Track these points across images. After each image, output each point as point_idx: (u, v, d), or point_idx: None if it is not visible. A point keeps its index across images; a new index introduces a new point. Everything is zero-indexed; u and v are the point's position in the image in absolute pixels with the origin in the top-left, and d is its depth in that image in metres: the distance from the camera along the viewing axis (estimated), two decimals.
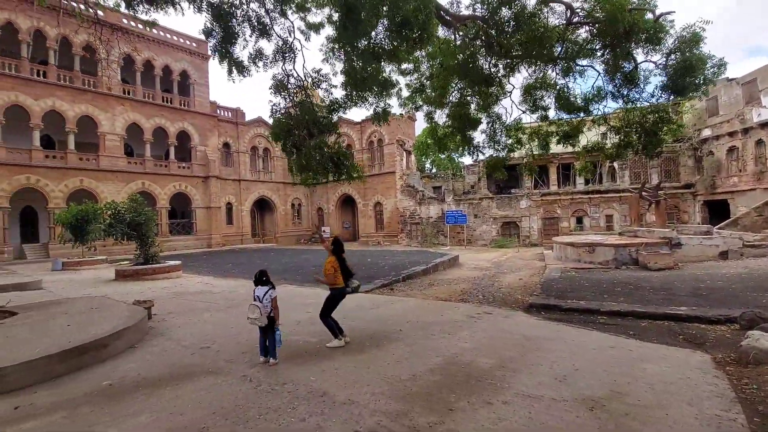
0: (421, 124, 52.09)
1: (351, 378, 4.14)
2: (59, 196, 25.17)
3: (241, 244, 33.92)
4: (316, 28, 9.44)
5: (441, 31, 8.51)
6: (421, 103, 9.31)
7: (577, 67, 8.62)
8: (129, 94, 28.89)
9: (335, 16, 9.18)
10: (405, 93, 9.25)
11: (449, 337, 5.61)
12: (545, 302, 7.83)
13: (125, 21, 27.38)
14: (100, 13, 10.56)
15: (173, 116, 30.88)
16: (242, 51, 8.14)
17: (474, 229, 29.23)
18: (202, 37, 7.54)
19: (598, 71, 8.56)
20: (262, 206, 38.42)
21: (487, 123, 9.19)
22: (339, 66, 10.25)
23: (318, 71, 7.73)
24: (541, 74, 8.87)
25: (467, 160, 36.85)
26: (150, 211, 14.89)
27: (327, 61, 8.73)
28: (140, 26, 28.97)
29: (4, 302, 7.93)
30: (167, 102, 30.83)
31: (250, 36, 7.21)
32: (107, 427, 3.21)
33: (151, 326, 6.29)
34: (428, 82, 9.10)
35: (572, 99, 8.54)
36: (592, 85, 8.77)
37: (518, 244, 26.85)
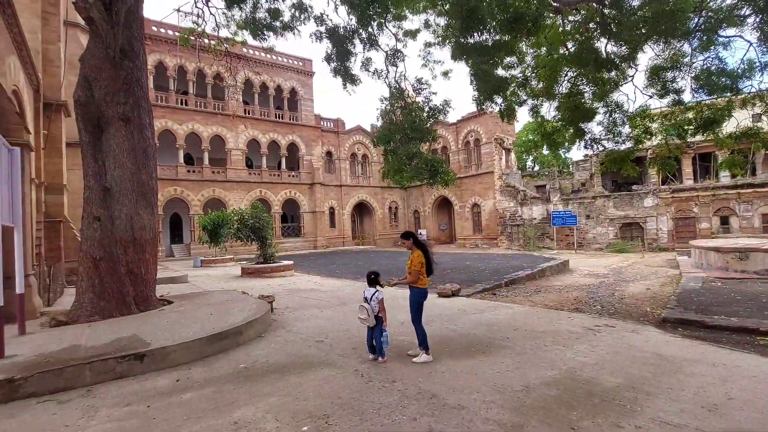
0: (522, 120, 49.18)
1: (459, 383, 4.08)
2: (198, 204, 29.79)
3: (343, 246, 36.02)
4: (413, 34, 9.62)
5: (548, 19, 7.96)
6: (525, 97, 8.80)
7: (720, 40, 7.28)
8: (249, 113, 32.95)
9: (431, 20, 9.25)
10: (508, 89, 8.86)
11: (564, 349, 5.16)
12: (683, 317, 6.72)
13: (244, 50, 31.27)
14: (226, 45, 12.27)
15: (284, 130, 34.30)
16: (354, 64, 8.76)
17: (586, 231, 26.52)
18: (308, 56, 8.37)
19: (748, 41, 7.12)
20: (361, 210, 40.32)
21: (605, 113, 8.26)
22: (439, 69, 10.27)
23: (419, 79, 7.89)
24: (672, 52, 7.68)
25: (576, 155, 33.66)
26: (267, 217, 16.73)
27: (426, 66, 8.83)
28: (259, 53, 32.89)
29: (165, 293, 9.64)
30: (279, 118, 34.38)
31: (363, 48, 7.73)
32: (245, 403, 3.68)
33: (274, 319, 7.04)
34: (533, 74, 8.57)
35: (715, 77, 7.22)
36: (742, 59, 7.32)
37: (642, 249, 23.55)
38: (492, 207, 32.07)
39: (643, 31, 6.87)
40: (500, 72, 8.58)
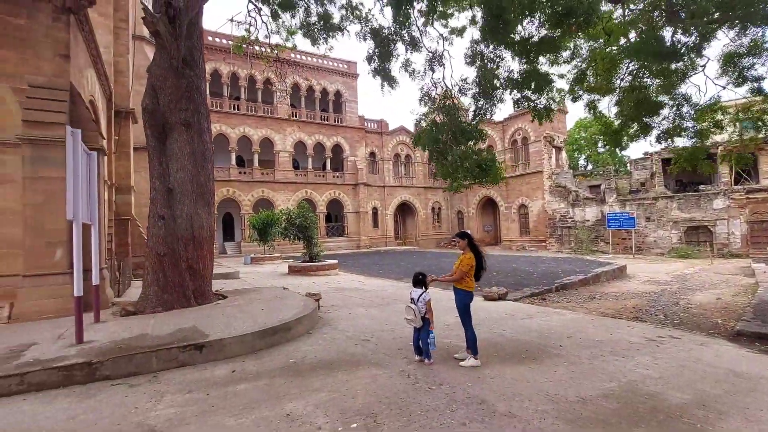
0: (573, 117, 46.82)
1: (509, 389, 3.95)
2: (248, 204, 31.23)
3: (385, 246, 36.22)
4: (460, 32, 9.46)
5: (603, 6, 7.50)
6: (581, 92, 8.35)
7: None
8: (296, 116, 34.06)
9: (478, 16, 9.05)
10: (558, 85, 8.49)
11: (624, 360, 4.84)
12: (761, 330, 6.07)
13: (292, 55, 32.38)
14: (275, 51, 12.78)
15: (329, 132, 35.10)
16: (394, 65, 8.81)
17: (645, 234, 24.74)
18: (352, 59, 8.54)
19: None
20: (404, 210, 40.33)
21: (671, 107, 7.62)
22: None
23: (464, 79, 7.74)
24: (750, 38, 6.96)
25: (634, 153, 31.53)
26: (313, 217, 17.19)
27: (472, 65, 8.64)
28: (305, 58, 33.92)
29: (219, 288, 10.19)
30: (324, 120, 35.23)
31: (404, 51, 7.73)
32: (296, 397, 3.79)
33: (320, 316, 7.21)
34: (589, 68, 8.10)
35: None
36: None
37: (711, 255, 21.58)
38: (540, 208, 30.83)
39: (716, 16, 6.29)
40: (546, 69, 8.23)
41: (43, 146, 7.12)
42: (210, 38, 29.85)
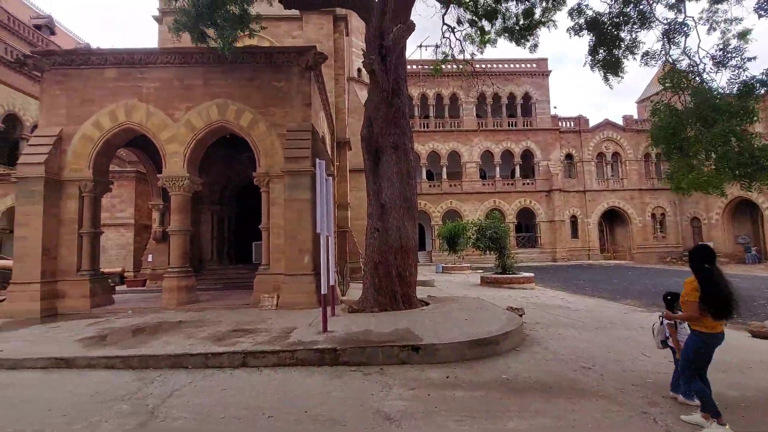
0: None
1: None
2: (437, 215, 32.86)
3: (588, 259, 31.87)
4: None
5: None
6: None
7: None
8: (482, 126, 34.09)
9: None
10: None
11: None
12: None
13: (477, 66, 32.71)
14: (461, 66, 13.13)
15: (517, 137, 33.65)
16: (620, 52, 7.65)
17: None
18: (543, 56, 7.89)
19: None
20: (612, 218, 34.67)
21: None
22: (734, 29, 7.61)
23: (723, 47, 5.99)
24: None
25: None
26: (506, 227, 16.68)
27: (715, 29, 6.71)
28: (490, 66, 33.74)
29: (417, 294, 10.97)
30: (512, 126, 34.02)
31: (632, 30, 6.70)
32: (515, 416, 3.64)
33: (526, 333, 6.82)
34: None
35: None
36: None
37: None
38: None
39: None
40: None
41: (296, 175, 9.27)
42: None
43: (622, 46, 6.89)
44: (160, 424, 3.56)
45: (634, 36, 6.77)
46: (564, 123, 34.25)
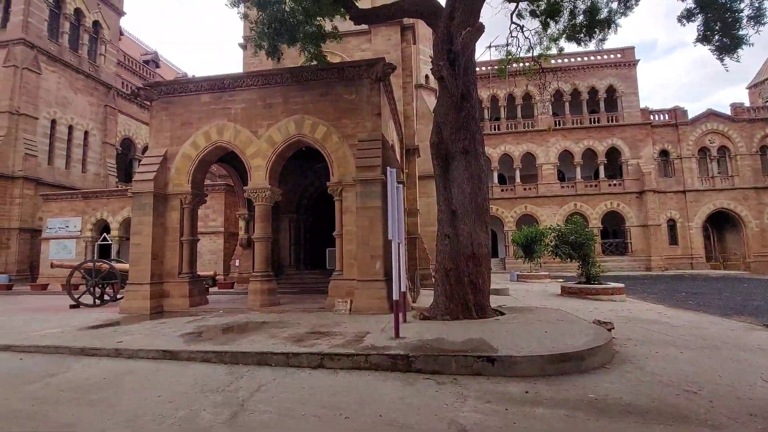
0: None
1: None
2: (511, 220, 31.43)
3: (691, 268, 28.13)
4: None
5: None
6: None
7: None
8: (559, 124, 32.01)
9: None
10: None
11: None
12: None
13: (552, 61, 30.90)
14: (536, 63, 12.46)
15: (601, 135, 31.04)
16: (740, 29, 6.86)
17: None
18: (629, 44, 7.19)
19: None
20: (720, 221, 30.27)
21: None
22: None
23: None
24: None
25: None
26: (589, 233, 15.39)
27: None
28: (566, 60, 31.66)
29: (491, 302, 10.56)
30: (594, 122, 31.48)
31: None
32: None
33: (616, 350, 6.20)
34: None
35: None
36: None
37: None
38: None
39: None
40: None
41: (367, 184, 9.53)
42: None
43: (742, 21, 6.16)
44: (249, 416, 3.87)
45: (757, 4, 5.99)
46: (657, 116, 30.80)
